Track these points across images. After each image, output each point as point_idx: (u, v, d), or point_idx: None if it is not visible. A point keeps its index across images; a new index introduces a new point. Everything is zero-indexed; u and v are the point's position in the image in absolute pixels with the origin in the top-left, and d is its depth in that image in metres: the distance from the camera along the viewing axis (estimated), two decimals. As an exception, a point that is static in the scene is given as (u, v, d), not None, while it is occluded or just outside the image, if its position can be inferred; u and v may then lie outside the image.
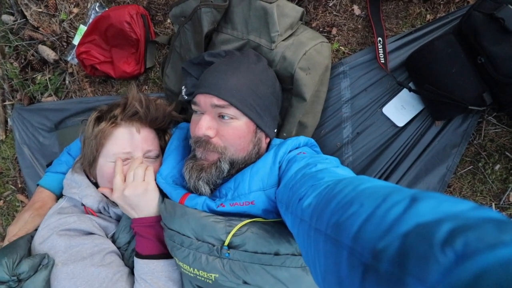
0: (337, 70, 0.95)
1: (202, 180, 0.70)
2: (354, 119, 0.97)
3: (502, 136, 0.91)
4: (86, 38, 1.14)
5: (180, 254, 0.67)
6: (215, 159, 0.71)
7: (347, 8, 0.96)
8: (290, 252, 0.63)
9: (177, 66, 1.03)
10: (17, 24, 1.28)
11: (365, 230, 0.30)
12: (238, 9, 0.86)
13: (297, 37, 0.86)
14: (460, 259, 0.21)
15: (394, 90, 0.94)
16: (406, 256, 0.24)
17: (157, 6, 1.13)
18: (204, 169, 0.71)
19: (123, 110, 0.79)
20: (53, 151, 1.28)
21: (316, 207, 0.43)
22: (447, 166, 0.94)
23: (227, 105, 0.69)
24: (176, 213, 0.69)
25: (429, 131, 0.93)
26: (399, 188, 0.34)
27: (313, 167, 0.58)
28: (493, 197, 0.94)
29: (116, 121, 0.77)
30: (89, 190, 0.79)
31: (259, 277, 0.62)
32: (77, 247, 0.69)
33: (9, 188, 1.45)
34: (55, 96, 1.31)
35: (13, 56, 1.33)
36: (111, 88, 1.25)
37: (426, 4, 0.90)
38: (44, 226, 0.73)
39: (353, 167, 0.98)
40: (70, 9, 1.22)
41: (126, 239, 0.77)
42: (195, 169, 0.71)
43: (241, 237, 0.63)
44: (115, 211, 0.79)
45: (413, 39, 0.89)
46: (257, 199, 0.68)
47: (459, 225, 0.23)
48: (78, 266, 0.67)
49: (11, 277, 0.62)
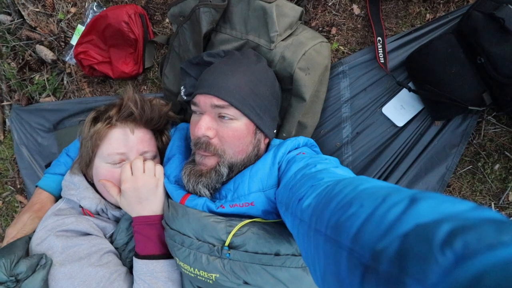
0: (337, 70, 0.95)
1: (201, 184, 0.70)
2: (353, 119, 0.96)
3: (501, 135, 0.91)
4: (84, 38, 1.13)
5: (181, 254, 0.67)
6: (213, 164, 0.70)
7: (346, 7, 0.95)
8: (290, 253, 0.63)
9: (176, 66, 1.02)
10: (14, 24, 1.27)
11: (364, 231, 0.30)
12: (237, 8, 0.86)
13: (296, 37, 0.86)
14: (460, 260, 0.20)
15: (394, 90, 0.93)
16: (405, 257, 0.24)
17: (155, 5, 1.12)
18: (203, 175, 0.70)
19: (119, 110, 0.78)
20: (51, 151, 1.28)
21: (316, 208, 0.43)
22: (447, 166, 0.94)
23: (227, 105, 0.69)
24: (178, 213, 0.69)
25: (428, 131, 0.93)
26: (398, 189, 0.34)
27: (312, 168, 0.58)
28: (492, 196, 0.94)
29: (111, 122, 0.77)
30: (87, 192, 0.79)
31: (259, 277, 0.62)
32: (74, 247, 0.69)
33: (8, 189, 1.44)
34: (53, 97, 1.31)
35: (11, 56, 1.32)
36: (110, 88, 1.25)
37: (426, 4, 0.90)
38: (42, 227, 0.73)
39: (352, 167, 0.98)
40: (67, 8, 1.22)
41: (124, 240, 0.77)
42: (194, 174, 0.71)
43: (241, 237, 0.63)
44: (114, 213, 0.79)
45: (412, 38, 0.89)
46: (257, 200, 0.67)
47: (458, 226, 0.23)
48: (75, 266, 0.67)
49: (9, 278, 0.62)
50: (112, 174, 0.77)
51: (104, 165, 0.77)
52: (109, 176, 0.77)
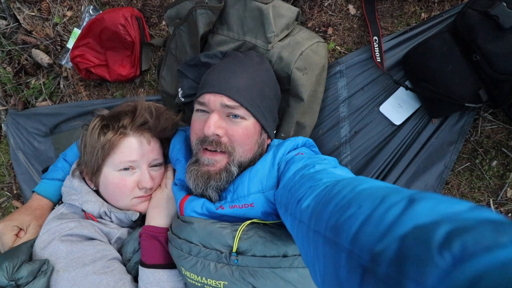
0: (334, 70, 0.95)
1: (211, 188, 0.69)
2: (351, 118, 0.97)
3: (498, 132, 0.92)
4: (80, 41, 1.13)
5: (187, 263, 0.66)
6: (223, 164, 0.70)
7: (342, 7, 0.96)
8: (297, 253, 0.63)
9: (173, 68, 1.02)
10: (9, 28, 1.26)
11: (363, 232, 0.30)
12: (234, 10, 0.86)
13: (293, 37, 0.86)
14: (458, 262, 0.20)
15: (391, 89, 0.94)
16: (404, 258, 0.24)
17: (151, 8, 1.12)
18: (212, 177, 0.69)
19: (132, 120, 0.78)
20: (48, 156, 1.27)
21: (315, 209, 0.43)
22: (445, 163, 0.94)
23: (237, 106, 0.68)
24: (184, 222, 0.69)
25: (426, 129, 0.93)
26: (397, 189, 0.34)
27: (311, 168, 0.58)
28: (490, 193, 0.95)
29: (125, 132, 0.77)
30: (89, 196, 0.78)
31: (268, 281, 0.61)
32: (78, 253, 0.68)
33: (5, 195, 1.43)
34: (49, 101, 1.30)
35: (6, 60, 1.31)
36: (107, 91, 1.24)
37: (421, 3, 0.90)
38: (45, 231, 0.72)
39: (351, 166, 0.98)
40: (63, 12, 1.21)
41: (133, 247, 0.77)
42: (201, 177, 0.69)
43: (248, 241, 0.63)
44: (117, 215, 0.79)
45: (408, 37, 0.90)
46: (256, 201, 0.67)
47: (456, 227, 0.23)
48: (79, 273, 0.66)
49: (9, 282, 0.61)
50: (124, 182, 0.77)
51: (115, 173, 0.77)
52: (121, 184, 0.77)
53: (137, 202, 0.79)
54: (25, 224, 0.78)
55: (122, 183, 0.77)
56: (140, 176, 0.78)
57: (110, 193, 0.78)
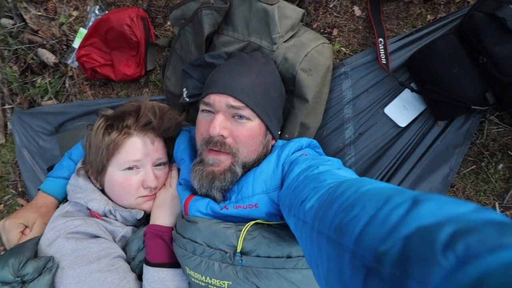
0: (339, 71, 0.95)
1: (215, 188, 0.70)
2: (356, 120, 0.96)
3: (504, 135, 0.91)
4: (86, 41, 1.14)
5: (192, 262, 0.66)
6: (228, 165, 0.70)
7: (347, 9, 0.95)
8: (301, 254, 0.63)
9: (177, 69, 1.02)
10: (16, 27, 1.28)
11: (367, 233, 0.30)
12: (239, 10, 0.86)
13: (298, 38, 0.86)
14: (462, 263, 0.21)
15: (396, 91, 0.93)
16: (408, 259, 0.24)
17: (157, 8, 1.13)
18: (217, 177, 0.69)
19: (136, 119, 0.79)
20: (53, 154, 1.28)
21: (318, 210, 0.43)
22: (450, 166, 0.93)
23: (243, 106, 0.69)
24: (189, 221, 0.69)
25: (431, 131, 0.93)
26: (401, 190, 0.34)
27: (315, 169, 0.58)
28: (496, 196, 0.94)
29: (129, 132, 0.77)
30: (94, 194, 0.79)
31: (273, 282, 0.61)
32: (83, 250, 0.68)
33: (10, 192, 1.45)
34: (55, 100, 1.32)
35: (13, 59, 1.33)
36: (112, 91, 1.25)
37: (427, 5, 0.90)
38: (50, 228, 0.73)
39: (355, 168, 0.98)
40: (69, 12, 1.22)
41: (138, 246, 0.77)
42: (206, 177, 0.69)
43: (252, 241, 0.63)
44: (122, 213, 0.79)
45: (414, 39, 0.89)
46: (261, 202, 0.67)
47: (460, 228, 0.23)
48: (84, 271, 0.66)
49: (15, 278, 0.62)
50: (129, 182, 0.77)
51: (120, 173, 0.77)
52: (126, 183, 0.77)
53: (142, 201, 0.80)
54: (30, 221, 0.79)
55: (127, 183, 0.77)
56: (145, 176, 0.78)
57: (115, 192, 0.79)
